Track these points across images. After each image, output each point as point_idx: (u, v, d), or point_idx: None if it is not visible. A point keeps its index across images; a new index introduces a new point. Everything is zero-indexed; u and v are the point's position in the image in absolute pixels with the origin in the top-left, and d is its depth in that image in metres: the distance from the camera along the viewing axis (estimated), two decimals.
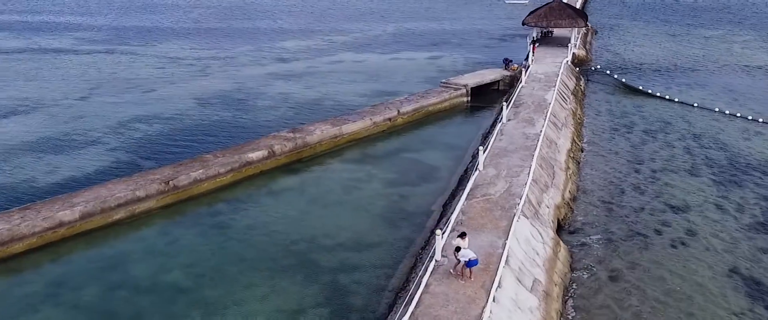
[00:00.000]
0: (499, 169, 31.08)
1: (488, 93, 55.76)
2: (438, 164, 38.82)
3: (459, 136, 44.81)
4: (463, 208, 26.29)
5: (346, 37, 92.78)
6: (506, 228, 24.71)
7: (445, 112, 50.61)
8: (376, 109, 45.74)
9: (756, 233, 30.03)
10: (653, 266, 26.86)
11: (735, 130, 46.25)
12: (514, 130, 37.40)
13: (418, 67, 69.03)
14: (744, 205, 32.98)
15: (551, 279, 23.99)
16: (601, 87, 59.76)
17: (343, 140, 41.78)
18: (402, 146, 42.37)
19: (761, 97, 56.40)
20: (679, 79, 63.37)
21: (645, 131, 45.87)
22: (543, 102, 43.83)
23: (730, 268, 26.83)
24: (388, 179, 36.25)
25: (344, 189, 34.82)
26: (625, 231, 30.08)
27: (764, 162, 39.52)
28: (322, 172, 37.53)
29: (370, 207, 32.59)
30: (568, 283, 25.21)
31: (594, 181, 36.13)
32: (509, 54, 74.73)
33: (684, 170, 38.04)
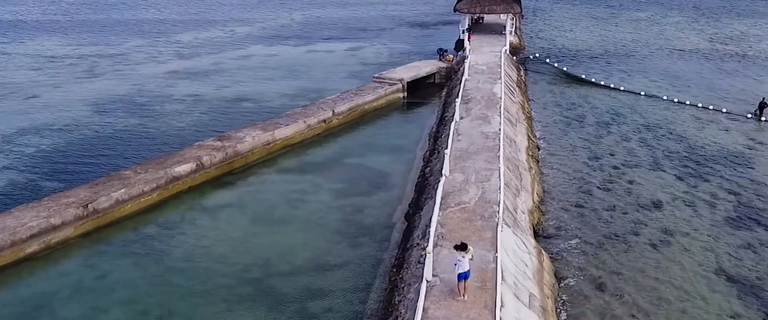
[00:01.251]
0: (466, 174, 31.44)
1: (424, 87, 56.37)
2: (387, 169, 38.85)
3: (403, 136, 45.04)
4: (439, 220, 26.37)
5: (249, 27, 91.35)
6: (492, 240, 25.01)
7: (382, 110, 50.77)
8: (309, 110, 45.27)
9: (732, 228, 31.80)
10: (638, 271, 27.91)
11: (687, 119, 48.86)
12: (470, 128, 37.94)
13: (338, 61, 68.89)
14: (714, 200, 34.84)
15: (543, 292, 24.52)
16: (541, 77, 61.66)
17: (277, 146, 41.13)
18: (343, 150, 42.14)
19: (703, 82, 59.89)
20: (618, 66, 66.31)
21: (598, 123, 47.67)
22: (493, 96, 44.71)
23: (715, 268, 28.27)
24: (336, 189, 35.95)
25: (289, 203, 34.26)
26: (602, 233, 31.15)
27: (723, 152, 41.93)
28: (259, 185, 36.77)
29: (323, 222, 32.22)
30: (557, 295, 25.82)
31: (558, 181, 37.21)
32: (435, 42, 76.04)
33: (646, 165, 39.77)
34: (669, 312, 25.05)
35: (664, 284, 26.95)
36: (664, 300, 25.84)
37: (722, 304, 25.70)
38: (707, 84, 59.48)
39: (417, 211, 30.57)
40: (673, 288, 26.68)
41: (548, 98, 54.61)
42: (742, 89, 57.65)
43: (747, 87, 58.38)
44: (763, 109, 48.91)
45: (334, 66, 66.40)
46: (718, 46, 77.42)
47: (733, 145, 43.42)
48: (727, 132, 46.18)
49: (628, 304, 25.55)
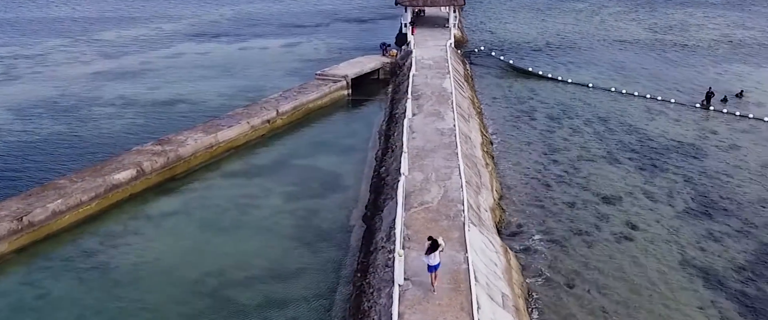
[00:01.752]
0: (426, 172, 31.53)
1: (368, 83, 56.33)
2: (339, 170, 38.67)
3: (351, 135, 44.90)
4: (404, 221, 26.35)
5: (176, 24, 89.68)
6: (461, 240, 25.14)
7: (327, 109, 50.55)
8: (252, 111, 44.69)
9: (692, 219, 32.81)
10: (605, 266, 28.50)
11: (637, 110, 50.19)
12: (424, 125, 38.08)
13: (275, 58, 68.29)
14: (672, 191, 35.87)
15: (514, 291, 24.78)
16: (487, 70, 62.40)
17: (220, 149, 40.49)
18: (290, 151, 41.75)
19: (648, 72, 61.64)
20: (562, 58, 67.67)
21: (549, 117, 48.52)
22: (443, 92, 44.98)
23: (680, 260, 29.10)
24: (287, 192, 35.59)
25: (239, 209, 33.74)
26: (565, 229, 31.69)
27: (676, 143, 43.23)
28: (205, 190, 36.09)
29: (277, 227, 31.86)
30: (528, 294, 26.14)
31: (515, 177, 37.69)
32: (374, 37, 76.21)
33: (601, 157, 40.68)
34: (641, 306, 25.63)
35: (633, 278, 27.58)
36: (634, 294, 26.45)
37: (691, 295, 26.46)
38: (652, 74, 61.19)
39: (376, 213, 30.48)
40: (642, 281, 27.32)
41: (496, 92, 55.28)
42: (687, 79, 59.55)
43: (691, 76, 60.34)
44: (710, 99, 50.61)
45: (271, 63, 65.73)
46: (658, 36, 79.82)
47: (684, 135, 44.79)
48: (677, 122, 47.62)
49: (600, 300, 26.05)
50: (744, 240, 30.72)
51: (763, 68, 63.78)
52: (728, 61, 66.45)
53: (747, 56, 68.63)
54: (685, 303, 26.04)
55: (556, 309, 25.60)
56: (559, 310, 25.57)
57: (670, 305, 25.87)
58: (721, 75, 60.78)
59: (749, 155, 41.25)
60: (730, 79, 59.04)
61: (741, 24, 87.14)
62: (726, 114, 49.30)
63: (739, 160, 40.42)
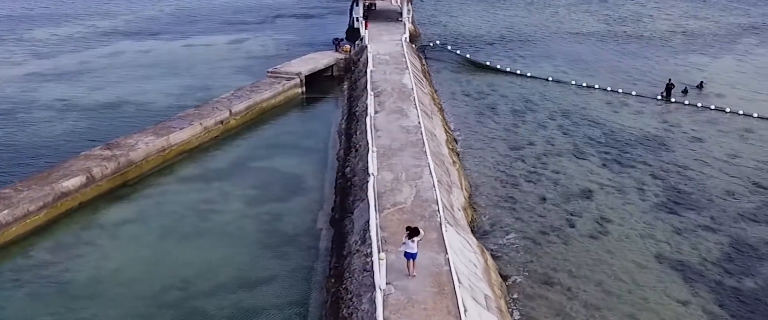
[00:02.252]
0: (395, 172, 31.55)
1: (322, 81, 56.14)
2: (299, 172, 38.44)
3: (309, 135, 44.66)
4: (378, 223, 26.32)
5: (113, 21, 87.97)
6: (439, 241, 25.23)
7: (281, 107, 50.20)
8: (203, 111, 44.09)
9: (664, 213, 33.55)
10: (582, 263, 28.94)
11: (599, 104, 51.11)
12: (388, 123, 38.10)
13: (221, 55, 67.54)
14: (641, 186, 36.61)
15: (495, 292, 24.97)
16: (443, 65, 62.79)
17: (173, 152, 39.85)
18: (246, 153, 41.33)
19: (606, 65, 62.87)
20: (518, 51, 68.52)
21: (511, 112, 49.06)
22: (404, 88, 45.09)
23: (656, 255, 29.73)
24: (248, 196, 35.21)
25: (198, 215, 33.25)
26: (538, 226, 32.08)
27: (640, 136, 44.17)
28: (160, 196, 35.46)
29: (241, 233, 31.50)
30: (507, 294, 26.38)
31: (483, 175, 37.98)
32: (323, 32, 76.25)
33: (568, 152, 41.30)
34: (622, 302, 26.14)
35: (611, 274, 28.08)
36: (614, 290, 26.94)
37: (671, 290, 27.06)
38: (610, 67, 62.40)
39: (346, 215, 30.37)
40: (621, 277, 27.85)
41: (455, 87, 55.65)
42: (646, 71, 60.89)
43: (649, 68, 61.72)
44: (671, 90, 51.83)
45: (217, 61, 64.97)
46: (612, 28, 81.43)
47: (648, 128, 45.77)
48: (640, 115, 48.64)
49: (580, 297, 26.43)
50: (717, 233, 31.53)
51: (720, 59, 65.61)
52: (685, 52, 68.16)
53: (703, 47, 70.52)
54: (665, 297, 26.61)
55: (537, 309, 25.89)
56: (540, 310, 25.87)
57: (651, 300, 26.41)
58: (678, 66, 62.28)
59: (714, 146, 42.37)
60: (688, 70, 60.58)
61: (693, 14, 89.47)
62: (687, 105, 50.56)
63: (705, 151, 41.48)
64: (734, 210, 33.91)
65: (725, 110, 48.96)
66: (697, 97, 52.42)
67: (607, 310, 25.71)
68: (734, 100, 52.16)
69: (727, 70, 61.47)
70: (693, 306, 26.20)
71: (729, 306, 26.18)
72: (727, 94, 53.90)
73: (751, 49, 70.23)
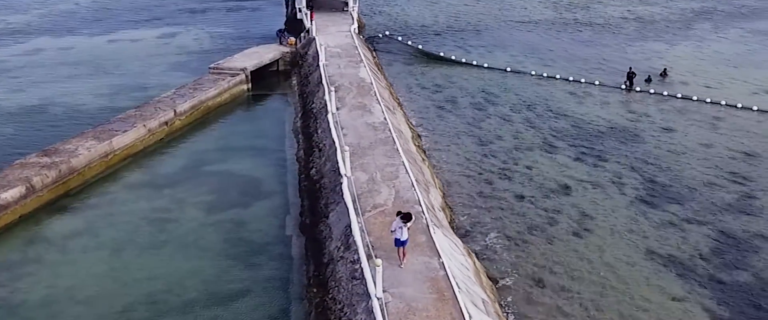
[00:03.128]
0: (369, 172, 31.38)
1: (268, 76, 55.53)
2: (257, 175, 37.95)
3: (262, 135, 44.11)
4: (362, 227, 26.14)
5: (25, 15, 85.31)
6: (429, 244, 25.19)
7: (227, 106, 49.50)
8: (146, 112, 43.09)
9: (646, 206, 34.29)
10: (570, 261, 29.37)
11: (563, 95, 51.92)
12: (352, 120, 37.90)
13: (153, 51, 66.20)
14: (619, 179, 37.34)
15: (489, 295, 25.09)
16: (394, 57, 62.84)
17: (117, 157, 38.90)
18: (197, 157, 40.57)
19: (563, 54, 63.97)
20: (470, 41, 69.11)
21: (472, 105, 49.40)
22: (362, 82, 44.93)
23: (645, 250, 30.39)
24: (205, 203, 34.59)
25: (154, 225, 32.49)
26: (519, 225, 32.39)
27: (609, 127, 45.06)
28: (109, 206, 34.52)
29: (204, 244, 30.92)
30: (500, 297, 26.54)
31: (454, 172, 38.14)
32: (259, 23, 75.68)
33: (538, 146, 41.81)
34: (616, 300, 26.65)
35: (602, 272, 28.57)
36: (607, 289, 27.43)
37: (664, 286, 27.73)
38: (568, 56, 63.45)
39: (319, 220, 30.07)
40: (612, 275, 28.37)
41: (410, 80, 55.74)
42: (605, 59, 62.14)
43: (608, 57, 63.01)
44: (632, 79, 52.98)
45: (148, 57, 63.60)
46: (563, 15, 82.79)
47: (617, 118, 46.71)
48: (606, 105, 49.61)
49: (574, 298, 26.83)
50: (702, 225, 32.38)
51: (677, 45, 67.41)
52: (640, 39, 69.80)
53: (658, 33, 72.30)
54: (659, 293, 27.23)
55: (533, 312, 26.16)
56: (536, 312, 26.15)
57: (645, 297, 27.02)
58: (637, 54, 63.73)
59: (686, 136, 43.48)
60: (647, 57, 62.04)
61: (642, 0, 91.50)
62: (653, 94, 51.76)
63: (678, 141, 42.53)
64: (716, 201, 34.85)
65: (692, 98, 50.28)
66: (661, 85, 53.71)
67: (605, 309, 26.13)
68: (698, 87, 53.62)
69: (686, 56, 63.14)
70: (689, 301, 26.89)
71: (724, 299, 26.95)
72: (690, 81, 55.38)
73: (707, 34, 72.34)
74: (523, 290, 27.43)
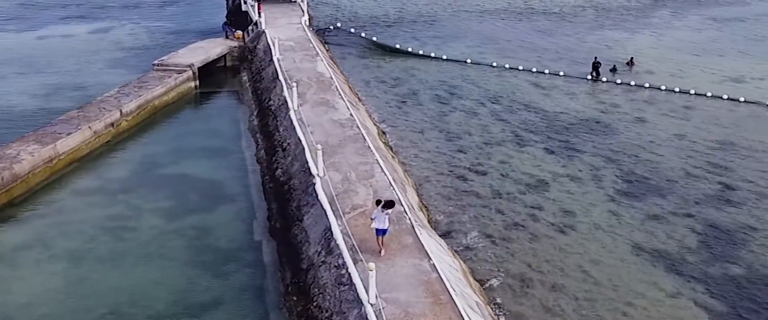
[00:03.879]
0: (342, 171, 31.14)
1: (215, 72, 54.88)
2: (215, 178, 37.40)
3: (215, 134, 43.50)
4: (345, 230, 25.91)
5: None
6: (417, 246, 25.10)
7: (174, 105, 48.71)
8: (89, 113, 42.09)
9: (627, 200, 34.76)
10: (556, 259, 29.57)
11: (528, 87, 52.44)
12: (316, 117, 37.61)
13: (86, 47, 64.86)
14: (596, 172, 37.82)
15: (480, 297, 25.13)
16: (347, 50, 62.71)
17: (62, 162, 37.93)
18: (148, 160, 39.80)
19: (523, 45, 64.74)
20: (424, 32, 69.32)
21: (435, 99, 49.50)
22: (321, 77, 44.68)
23: (631, 245, 30.75)
24: (163, 209, 33.94)
25: (111, 234, 31.72)
26: (500, 223, 32.51)
27: (580, 119, 45.61)
28: (58, 215, 33.59)
29: (167, 252, 30.32)
30: (489, 298, 26.59)
31: (424, 169, 38.11)
32: (197, 17, 75.71)
33: (508, 141, 42.09)
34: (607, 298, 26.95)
35: (590, 269, 28.83)
36: (596, 286, 27.73)
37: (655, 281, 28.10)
38: (528, 46, 64.15)
39: (292, 224, 29.73)
40: (600, 272, 28.64)
41: (366, 74, 55.60)
42: (566, 49, 62.99)
43: (570, 46, 63.90)
44: (598, 69, 53.72)
45: (83, 54, 62.24)
46: (517, 3, 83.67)
47: (586, 110, 47.31)
48: (574, 97, 50.23)
49: (563, 298, 27.02)
50: (687, 218, 32.96)
51: (638, 33, 68.71)
52: (600, 28, 70.95)
53: (618, 21, 73.63)
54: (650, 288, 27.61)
55: (523, 312, 26.27)
56: (527, 313, 26.25)
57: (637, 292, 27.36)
58: (597, 43, 64.78)
59: (659, 127, 44.25)
60: (607, 46, 63.12)
61: None
62: (620, 85, 52.58)
63: (651, 133, 43.25)
64: (697, 192, 35.51)
65: (661, 88, 51.25)
66: (627, 75, 54.57)
67: (597, 307, 26.38)
68: (665, 76, 54.67)
69: (649, 45, 64.40)
70: (681, 296, 27.25)
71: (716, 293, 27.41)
72: (655, 70, 56.42)
73: (667, 21, 73.87)
74: (511, 290, 27.52)
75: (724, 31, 69.80)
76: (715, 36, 67.73)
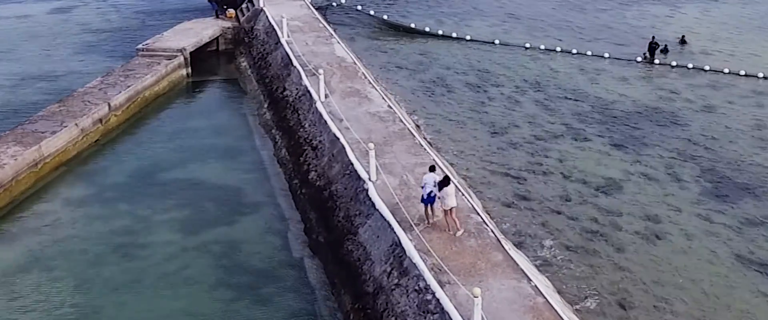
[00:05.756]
0: (396, 175, 29.57)
1: (207, 58, 53.23)
2: (233, 182, 35.86)
3: (221, 131, 41.87)
4: (419, 246, 24.41)
5: None
6: (510, 264, 23.71)
7: (166, 96, 47.02)
8: (73, 107, 40.29)
9: (717, 202, 33.56)
10: (651, 274, 28.19)
11: (570, 70, 51.21)
12: (349, 110, 36.03)
13: (49, 30, 63.13)
14: (672, 169, 36.62)
15: None
16: (354, 30, 61.15)
17: (48, 166, 36.19)
18: (150, 162, 38.12)
19: (555, 22, 63.55)
20: (439, 8, 68.02)
21: (467, 86, 48.13)
22: (343, 62, 43.23)
23: (735, 256, 29.50)
24: (178, 222, 32.32)
25: (120, 253, 30.03)
26: (576, 233, 31.09)
27: (638, 107, 44.53)
28: (55, 230, 31.74)
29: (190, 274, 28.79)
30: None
31: (473, 169, 36.64)
32: None
33: (563, 134, 40.75)
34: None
35: (693, 286, 27.54)
36: (705, 305, 26.52)
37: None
38: (560, 24, 63.00)
39: (343, 238, 28.17)
40: (706, 288, 27.37)
41: (382, 58, 54.08)
42: (603, 26, 62.14)
43: (606, 23, 63.11)
44: (654, 51, 52.55)
45: (47, 37, 60.34)
46: None
47: (643, 97, 46.15)
48: (626, 82, 49.11)
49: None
50: None
51: (683, 8, 67.83)
52: (638, 2, 69.73)
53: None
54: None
55: None
56: None
57: (753, 311, 26.02)
58: (639, 19, 63.85)
59: (730, 116, 43.21)
60: (650, 23, 62.07)
61: None
62: (676, 67, 51.48)
63: (724, 123, 42.22)
64: None
65: (723, 71, 50.14)
66: (681, 55, 53.48)
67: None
68: (723, 57, 53.89)
69: (697, 20, 63.67)
70: None
71: None
72: (711, 50, 55.54)
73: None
74: (610, 314, 26.13)
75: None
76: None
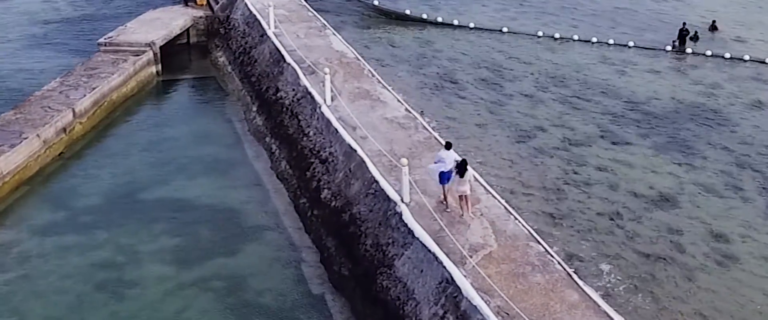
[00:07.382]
0: (431, 193, 27.80)
1: (176, 53, 51.22)
2: (225, 201, 34.02)
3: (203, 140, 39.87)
4: (477, 284, 22.67)
5: None
6: (588, 304, 22.18)
7: (135, 99, 45.10)
8: (31, 115, 38.13)
9: None
10: (732, 308, 26.93)
11: (593, 62, 50.16)
12: (362, 115, 34.21)
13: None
14: (730, 177, 35.41)
15: None
16: (341, 18, 59.45)
17: (8, 186, 34.09)
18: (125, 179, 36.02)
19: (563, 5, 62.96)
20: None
21: (479, 82, 46.72)
22: (344, 57, 41.53)
23: None
24: (169, 251, 30.36)
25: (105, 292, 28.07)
26: (634, 255, 29.68)
27: (676, 104, 43.58)
28: (23, 265, 29.59)
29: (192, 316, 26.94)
30: None
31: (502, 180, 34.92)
32: None
33: (599, 138, 39.46)
34: None
35: None
36: None
37: None
38: (573, 8, 62.32)
39: (374, 271, 26.38)
40: None
41: (378, 51, 52.36)
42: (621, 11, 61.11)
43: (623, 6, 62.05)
44: (685, 39, 51.46)
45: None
46: None
47: (681, 92, 45.13)
48: (658, 75, 48.17)
49: None
50: None
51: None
52: None
53: None
54: None
55: None
56: None
57: None
58: (659, 2, 62.51)
59: None
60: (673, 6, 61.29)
61: None
62: (711, 57, 50.41)
63: None
64: None
65: (765, 61, 49.13)
66: (712, 43, 52.74)
67: None
68: (760, 45, 52.96)
69: (724, 4, 62.61)
70: None
71: None
72: (746, 37, 54.78)
73: None
74: None
75: None
76: None
